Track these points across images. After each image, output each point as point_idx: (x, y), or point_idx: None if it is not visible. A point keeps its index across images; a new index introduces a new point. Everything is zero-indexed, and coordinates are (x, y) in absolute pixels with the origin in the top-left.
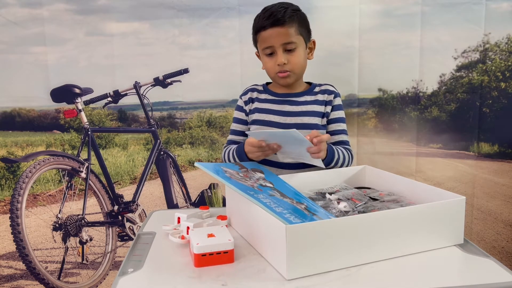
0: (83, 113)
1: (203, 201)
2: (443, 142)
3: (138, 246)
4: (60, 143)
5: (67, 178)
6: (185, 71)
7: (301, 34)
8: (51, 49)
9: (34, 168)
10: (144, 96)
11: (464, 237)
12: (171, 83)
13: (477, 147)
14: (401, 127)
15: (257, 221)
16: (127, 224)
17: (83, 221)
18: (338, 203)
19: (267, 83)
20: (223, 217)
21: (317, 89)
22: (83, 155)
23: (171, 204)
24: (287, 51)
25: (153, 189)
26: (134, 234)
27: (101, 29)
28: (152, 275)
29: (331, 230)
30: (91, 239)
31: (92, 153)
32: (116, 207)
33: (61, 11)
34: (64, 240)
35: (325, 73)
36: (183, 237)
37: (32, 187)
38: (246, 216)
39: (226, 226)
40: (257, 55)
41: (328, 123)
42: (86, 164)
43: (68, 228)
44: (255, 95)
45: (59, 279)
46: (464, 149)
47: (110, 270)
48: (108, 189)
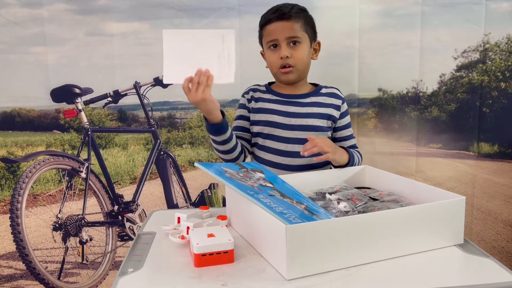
0: (83, 113)
1: (203, 201)
2: (443, 142)
3: (138, 246)
4: (60, 143)
5: (67, 178)
6: None
7: (306, 32)
8: (51, 49)
9: (34, 168)
10: (144, 96)
11: (464, 237)
12: (171, 83)
13: (477, 147)
14: (401, 127)
15: (257, 221)
16: (127, 224)
17: (83, 221)
18: (338, 203)
19: (269, 84)
20: (223, 217)
21: (324, 90)
22: (83, 155)
23: (171, 204)
24: (292, 45)
25: (153, 189)
26: (134, 234)
27: (101, 29)
28: (152, 275)
29: (331, 230)
30: (91, 239)
31: (92, 153)
32: (116, 207)
33: (61, 11)
34: (64, 240)
35: (325, 73)
36: (183, 237)
37: (32, 187)
38: (246, 216)
39: (226, 226)
40: (262, 54)
41: (338, 129)
42: (86, 164)
43: (68, 228)
44: (258, 95)
45: (59, 279)
46: (464, 149)
47: (110, 270)
48: (108, 189)
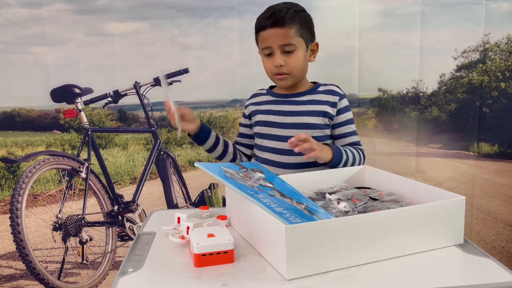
0: (83, 113)
1: (203, 201)
2: (443, 142)
3: (138, 246)
4: (60, 143)
5: (67, 178)
6: (185, 71)
7: (301, 36)
8: (51, 49)
9: (34, 168)
10: (144, 96)
11: (464, 237)
12: (171, 83)
13: (477, 147)
14: (401, 127)
15: (257, 221)
16: (127, 224)
17: (83, 221)
18: (338, 203)
19: (272, 86)
20: (223, 217)
21: (321, 88)
22: (83, 155)
23: (171, 204)
24: (286, 52)
25: (153, 189)
26: (134, 234)
27: (101, 29)
28: (152, 275)
29: (331, 230)
30: (91, 239)
31: (92, 153)
32: (116, 207)
33: (61, 11)
34: (64, 240)
35: (325, 73)
36: (183, 237)
37: (32, 187)
38: (246, 216)
39: (226, 226)
40: (260, 54)
41: (337, 126)
42: (86, 164)
43: (68, 228)
44: (257, 99)
45: (59, 279)
46: (464, 149)
47: (110, 270)
48: (108, 189)
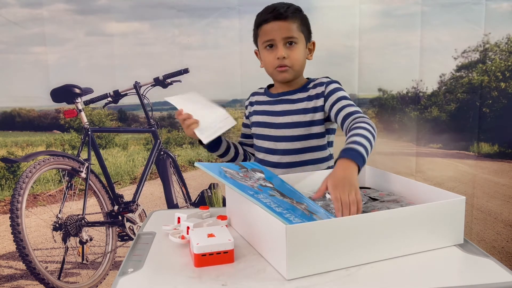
0: (83, 113)
1: (203, 201)
2: (443, 142)
3: (138, 246)
4: (60, 143)
5: (67, 178)
6: (185, 71)
7: (302, 32)
8: (51, 49)
9: (34, 168)
10: (144, 96)
11: (464, 237)
12: (171, 83)
13: (477, 147)
14: (401, 127)
15: (257, 221)
16: (127, 224)
17: (83, 221)
18: None
19: (269, 86)
20: (223, 217)
21: (311, 84)
22: (83, 155)
23: (171, 204)
24: (288, 46)
25: (153, 189)
26: (134, 234)
27: (101, 29)
28: (152, 275)
29: (331, 230)
30: (91, 239)
31: (92, 153)
32: (116, 207)
33: (61, 11)
34: (64, 240)
35: (325, 73)
36: (183, 237)
37: (32, 187)
38: (246, 216)
39: (226, 226)
40: (256, 53)
41: (330, 108)
42: (86, 164)
43: (68, 228)
44: (255, 99)
45: (59, 279)
46: (464, 149)
47: (110, 270)
48: (108, 189)
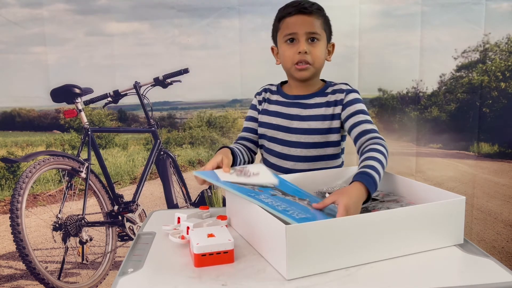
0: (83, 113)
1: (203, 201)
2: (443, 142)
3: (138, 246)
4: (60, 143)
5: (67, 178)
6: (185, 71)
7: (324, 31)
8: (51, 49)
9: (34, 168)
10: (144, 96)
11: (464, 237)
12: (171, 83)
13: (477, 147)
14: (401, 127)
15: (257, 221)
16: (127, 224)
17: (83, 221)
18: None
19: (282, 83)
20: (223, 217)
21: (330, 89)
22: (83, 155)
23: (171, 204)
24: (310, 42)
25: (153, 189)
26: (134, 234)
27: (101, 29)
28: (152, 275)
29: (331, 230)
30: (91, 239)
31: (92, 153)
32: (116, 207)
33: (61, 11)
34: (64, 240)
35: (325, 73)
36: (183, 237)
37: (32, 187)
38: (246, 216)
39: (226, 226)
40: (272, 49)
41: (346, 119)
42: (86, 164)
43: (68, 228)
44: (267, 96)
45: (59, 279)
46: (464, 149)
47: (110, 270)
48: (108, 189)
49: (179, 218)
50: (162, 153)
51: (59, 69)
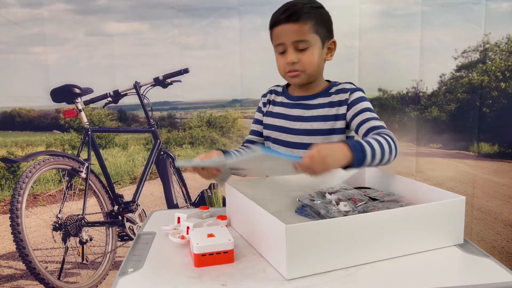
0: (83, 113)
1: (203, 201)
2: (443, 142)
3: (138, 246)
4: (60, 143)
5: (67, 178)
6: (185, 71)
7: (317, 33)
8: (51, 49)
9: (34, 168)
10: (144, 96)
11: (464, 237)
12: (171, 83)
13: (477, 147)
14: (401, 127)
15: (257, 221)
16: (127, 224)
17: (83, 221)
18: (338, 203)
19: (288, 84)
20: (223, 217)
21: (334, 89)
22: (83, 155)
23: (171, 204)
24: (300, 50)
25: (153, 189)
26: (134, 234)
27: (101, 29)
28: (152, 275)
29: (331, 230)
30: (91, 239)
31: (92, 153)
32: (116, 207)
33: (61, 11)
34: (64, 240)
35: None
36: (183, 237)
37: (32, 187)
38: (246, 216)
39: (226, 226)
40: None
41: (352, 118)
42: (86, 164)
43: (68, 228)
44: (272, 97)
45: (59, 279)
46: (464, 149)
47: (110, 270)
48: (108, 189)
49: (179, 218)
50: (162, 153)
51: (59, 69)
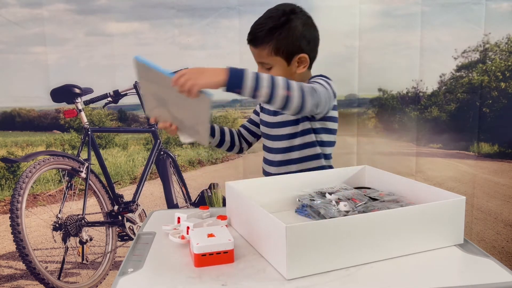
0: (83, 113)
1: (203, 201)
2: (443, 142)
3: (138, 246)
4: (60, 143)
5: (67, 178)
6: None
7: (277, 54)
8: (51, 49)
9: (34, 168)
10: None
11: (464, 237)
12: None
13: (477, 147)
14: (401, 127)
15: (257, 221)
16: (127, 224)
17: (83, 221)
18: (338, 203)
19: None
20: (223, 217)
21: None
22: (83, 155)
23: (171, 204)
24: (267, 68)
25: (153, 189)
26: (134, 234)
27: (101, 29)
28: (152, 275)
29: (331, 230)
30: (91, 239)
31: (92, 153)
32: (116, 207)
33: (61, 11)
34: (64, 240)
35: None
36: (183, 237)
37: (32, 187)
38: (246, 216)
39: (226, 226)
40: None
41: None
42: (86, 164)
43: (68, 228)
44: None
45: (59, 279)
46: (464, 149)
47: (110, 270)
48: (108, 189)
49: (179, 218)
50: (162, 153)
51: (59, 69)
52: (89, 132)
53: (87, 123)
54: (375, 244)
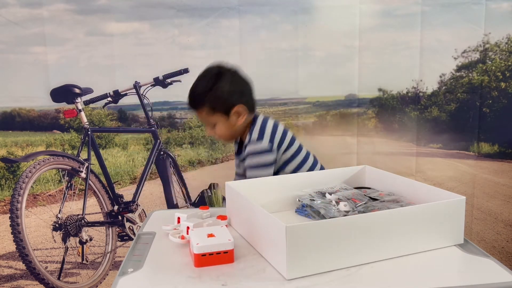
0: (83, 113)
1: (203, 201)
2: (443, 142)
3: (138, 246)
4: (60, 143)
5: (67, 178)
6: (185, 71)
7: (215, 112)
8: (51, 49)
9: (34, 168)
10: (144, 96)
11: (464, 237)
12: (171, 83)
13: (477, 147)
14: (401, 127)
15: (257, 221)
16: (127, 224)
17: (83, 221)
18: (338, 203)
19: None
20: (223, 217)
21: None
22: (83, 155)
23: (171, 204)
24: (212, 125)
25: (153, 189)
26: (134, 234)
27: (101, 29)
28: (152, 275)
29: (331, 230)
30: (91, 239)
31: (92, 153)
32: (116, 207)
33: (61, 11)
34: (64, 240)
35: (325, 73)
36: (183, 237)
37: (32, 187)
38: (246, 216)
39: (226, 226)
40: None
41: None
42: (86, 164)
43: (68, 228)
44: None
45: (59, 279)
46: (464, 149)
47: (110, 270)
48: (108, 189)
49: (179, 218)
50: (162, 153)
51: (59, 69)
52: (89, 132)
53: (87, 123)
54: (375, 244)
